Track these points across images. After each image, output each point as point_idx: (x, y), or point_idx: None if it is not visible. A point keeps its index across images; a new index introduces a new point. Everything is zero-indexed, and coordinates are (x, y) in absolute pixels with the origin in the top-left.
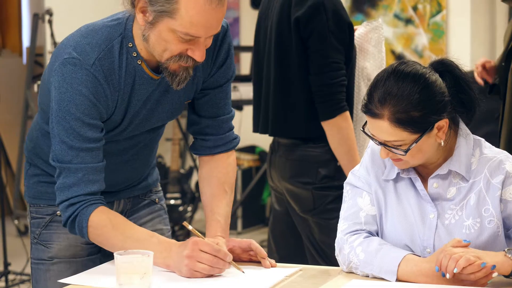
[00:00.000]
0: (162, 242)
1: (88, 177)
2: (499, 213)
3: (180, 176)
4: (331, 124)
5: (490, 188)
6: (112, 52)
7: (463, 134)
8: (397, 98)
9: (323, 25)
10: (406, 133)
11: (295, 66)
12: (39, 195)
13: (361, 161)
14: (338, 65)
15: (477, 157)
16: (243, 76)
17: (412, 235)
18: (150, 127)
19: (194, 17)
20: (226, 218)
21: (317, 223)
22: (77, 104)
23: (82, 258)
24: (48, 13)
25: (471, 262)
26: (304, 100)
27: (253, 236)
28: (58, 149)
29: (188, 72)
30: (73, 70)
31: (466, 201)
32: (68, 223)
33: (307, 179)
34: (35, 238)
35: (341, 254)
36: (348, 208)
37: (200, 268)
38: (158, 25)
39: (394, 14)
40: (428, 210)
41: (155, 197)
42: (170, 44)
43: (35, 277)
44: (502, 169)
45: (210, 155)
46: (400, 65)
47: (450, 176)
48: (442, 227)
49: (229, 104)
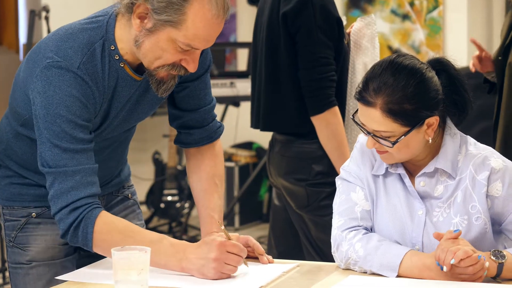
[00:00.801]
0: (174, 244)
1: (86, 179)
2: (486, 210)
3: (177, 172)
4: (320, 119)
5: (476, 184)
6: (94, 56)
7: (450, 133)
8: (392, 89)
9: (310, 20)
10: (396, 124)
11: (285, 62)
12: (12, 197)
13: (350, 156)
14: (327, 60)
15: (463, 154)
16: (240, 72)
17: (402, 231)
18: (128, 127)
19: (199, 30)
20: (219, 212)
21: (312, 220)
22: (67, 106)
23: (60, 259)
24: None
25: (469, 254)
26: (294, 95)
27: (250, 232)
28: (50, 155)
29: (175, 80)
30: (60, 73)
31: (453, 199)
32: (71, 230)
33: (301, 176)
34: (10, 241)
35: (338, 251)
36: (342, 203)
37: (227, 270)
38: (158, 33)
39: (391, 10)
40: (416, 206)
41: (127, 192)
42: (166, 53)
43: (14, 282)
44: (487, 165)
45: (196, 147)
46: (398, 57)
47: (437, 174)
48: (431, 224)
49: (210, 94)
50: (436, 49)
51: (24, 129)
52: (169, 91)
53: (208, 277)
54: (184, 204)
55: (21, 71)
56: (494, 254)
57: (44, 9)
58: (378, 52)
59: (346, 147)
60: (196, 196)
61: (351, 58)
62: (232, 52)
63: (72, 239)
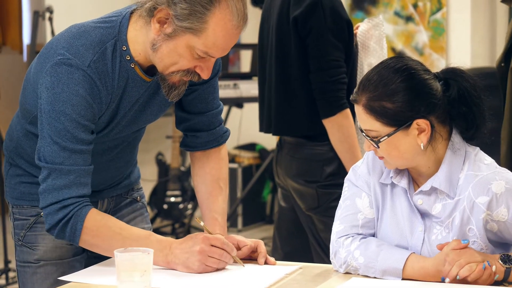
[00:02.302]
0: (161, 240)
1: (79, 180)
2: (483, 235)
3: (181, 173)
4: (331, 122)
5: (474, 208)
6: (105, 55)
7: (453, 148)
8: (375, 85)
9: (321, 23)
10: (378, 123)
11: (296, 65)
12: (21, 196)
13: (363, 157)
14: (337, 62)
15: (465, 173)
16: (243, 73)
17: (402, 245)
18: (136, 128)
19: (219, 39)
20: (223, 215)
21: (321, 221)
22: (73, 104)
23: (68, 259)
24: (49, 11)
25: (472, 270)
26: (305, 99)
27: (253, 233)
28: (49, 150)
29: (185, 86)
30: (69, 71)
31: (451, 220)
32: (59, 226)
33: (312, 178)
34: (19, 240)
35: (336, 257)
36: (345, 209)
37: (211, 262)
38: (177, 39)
39: (394, 12)
40: (417, 222)
41: (136, 195)
42: (183, 59)
43: (22, 281)
44: (488, 190)
45: (202, 151)
46: (393, 57)
47: (436, 191)
48: (428, 242)
49: (217, 98)
50: (439, 51)
51: (32, 127)
52: (180, 96)
53: (193, 270)
54: (187, 205)
55: (32, 67)
56: (502, 259)
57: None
58: (385, 53)
59: (358, 149)
60: (200, 198)
61: (359, 60)
62: (236, 53)
63: (58, 234)
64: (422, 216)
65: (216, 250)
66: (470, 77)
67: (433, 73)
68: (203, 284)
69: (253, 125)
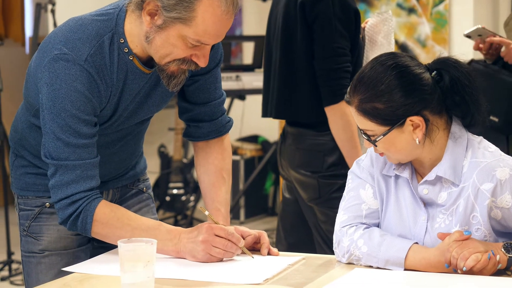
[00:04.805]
0: (170, 230)
1: (86, 173)
2: (487, 222)
3: (183, 165)
4: (334, 110)
5: (478, 194)
6: (102, 48)
7: (453, 137)
8: (365, 87)
9: (328, 9)
10: (372, 123)
11: (300, 51)
12: (27, 187)
13: (367, 151)
14: (343, 50)
15: (468, 160)
16: (245, 65)
17: (405, 235)
18: (139, 120)
19: (209, 26)
20: (226, 205)
21: (322, 212)
22: (72, 100)
23: (73, 249)
24: (51, 3)
25: (478, 260)
26: (308, 85)
27: (255, 225)
28: (53, 146)
29: (185, 75)
30: (66, 66)
31: (456, 207)
32: (70, 220)
33: (314, 168)
34: (24, 230)
35: (339, 246)
36: (349, 200)
37: (215, 252)
38: (168, 30)
39: (397, 4)
40: (420, 211)
41: (142, 186)
42: (177, 49)
43: (27, 271)
44: (492, 176)
45: (205, 141)
46: (384, 55)
47: (441, 180)
48: (432, 231)
49: (220, 88)
50: (442, 43)
51: (36, 119)
52: (180, 86)
53: (198, 259)
54: (189, 197)
55: (33, 61)
56: (505, 247)
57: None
58: (393, 48)
59: (357, 139)
60: (204, 189)
61: (365, 54)
62: (238, 45)
63: (71, 227)
64: (426, 206)
65: (220, 240)
66: (462, 66)
67: (424, 65)
68: (205, 273)
69: (255, 117)
